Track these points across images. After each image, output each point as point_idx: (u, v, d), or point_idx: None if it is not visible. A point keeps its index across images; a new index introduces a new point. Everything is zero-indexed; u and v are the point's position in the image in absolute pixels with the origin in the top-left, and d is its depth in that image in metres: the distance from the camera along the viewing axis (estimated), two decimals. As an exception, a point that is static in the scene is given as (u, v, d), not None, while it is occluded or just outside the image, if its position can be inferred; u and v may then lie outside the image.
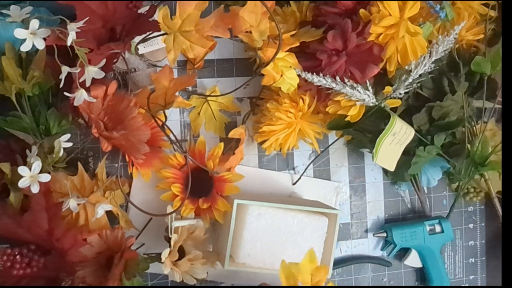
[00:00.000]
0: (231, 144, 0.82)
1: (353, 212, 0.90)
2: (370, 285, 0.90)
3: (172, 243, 0.71)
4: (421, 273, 0.91)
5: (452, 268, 0.94)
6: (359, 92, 0.74)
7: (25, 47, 0.57)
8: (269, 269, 0.75)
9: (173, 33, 0.66)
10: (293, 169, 0.86)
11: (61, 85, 0.59)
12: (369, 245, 0.90)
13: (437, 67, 0.77)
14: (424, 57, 0.74)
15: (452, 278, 0.94)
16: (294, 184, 0.86)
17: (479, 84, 0.81)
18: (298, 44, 0.74)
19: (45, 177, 0.62)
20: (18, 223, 0.65)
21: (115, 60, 0.68)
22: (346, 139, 0.87)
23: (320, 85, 0.74)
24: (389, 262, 0.90)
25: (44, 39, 0.57)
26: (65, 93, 0.60)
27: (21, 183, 0.61)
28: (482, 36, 0.81)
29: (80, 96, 0.60)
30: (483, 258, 0.96)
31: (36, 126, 0.68)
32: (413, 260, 0.89)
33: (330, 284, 0.69)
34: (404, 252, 0.90)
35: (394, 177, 0.88)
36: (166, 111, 0.73)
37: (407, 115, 0.80)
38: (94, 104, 0.63)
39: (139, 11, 0.65)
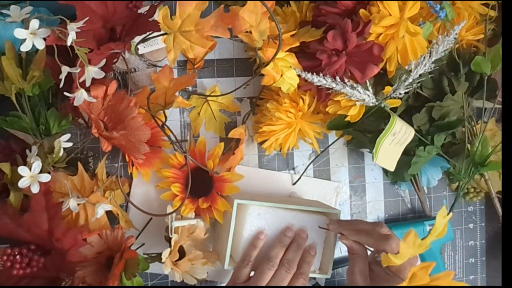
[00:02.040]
0: (231, 144, 0.82)
1: (353, 212, 0.90)
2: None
3: (172, 243, 0.71)
4: (421, 273, 0.91)
5: (452, 268, 0.94)
6: (359, 92, 0.74)
7: (25, 47, 0.57)
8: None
9: (173, 33, 0.66)
10: (293, 169, 0.86)
11: (61, 85, 0.59)
12: (369, 245, 0.90)
13: (437, 67, 0.76)
14: (424, 57, 0.74)
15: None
16: (294, 184, 0.86)
17: (479, 84, 0.81)
18: (298, 44, 0.73)
19: (45, 177, 0.62)
20: (18, 223, 0.65)
21: (115, 60, 0.68)
22: (346, 139, 0.87)
23: (320, 85, 0.74)
24: (389, 262, 0.90)
25: (44, 39, 0.57)
26: (65, 93, 0.60)
27: (21, 183, 0.61)
28: (482, 36, 0.81)
29: (80, 96, 0.60)
30: (483, 258, 0.96)
31: (36, 126, 0.68)
32: (413, 260, 0.89)
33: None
34: (404, 252, 0.90)
35: (394, 177, 0.88)
36: (166, 111, 0.73)
37: (407, 115, 0.80)
38: (94, 104, 0.63)
39: (139, 11, 0.65)
